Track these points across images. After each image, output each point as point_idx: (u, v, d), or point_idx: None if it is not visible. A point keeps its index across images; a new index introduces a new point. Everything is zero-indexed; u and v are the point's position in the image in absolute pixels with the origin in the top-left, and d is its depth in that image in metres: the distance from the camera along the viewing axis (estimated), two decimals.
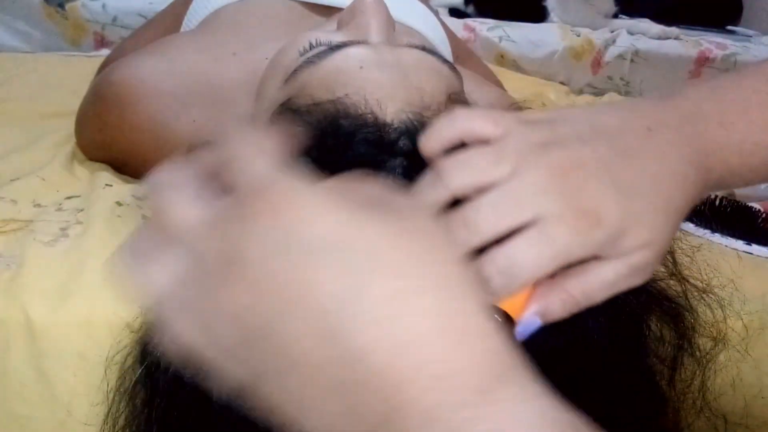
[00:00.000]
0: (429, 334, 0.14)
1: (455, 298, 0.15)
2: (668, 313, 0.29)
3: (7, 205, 0.38)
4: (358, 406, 0.14)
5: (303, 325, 0.14)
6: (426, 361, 0.14)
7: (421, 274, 0.15)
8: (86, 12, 0.95)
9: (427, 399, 0.13)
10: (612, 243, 0.20)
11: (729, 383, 0.35)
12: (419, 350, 0.14)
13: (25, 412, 0.32)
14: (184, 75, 0.41)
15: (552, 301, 0.20)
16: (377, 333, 0.14)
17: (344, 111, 0.27)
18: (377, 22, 0.31)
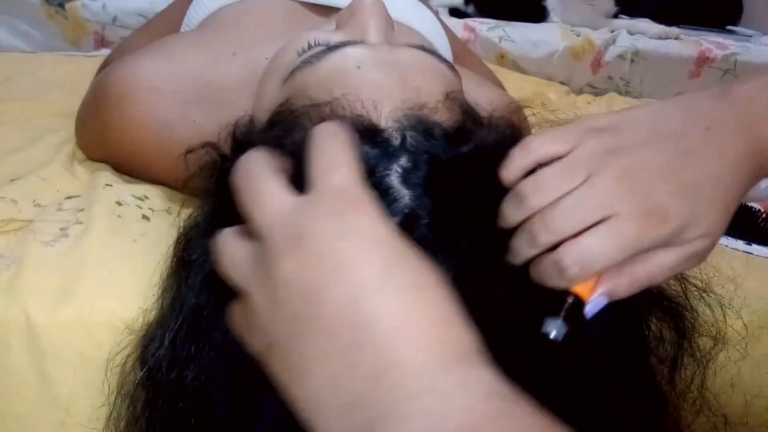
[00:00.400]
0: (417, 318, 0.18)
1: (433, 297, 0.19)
2: (668, 312, 0.29)
3: (7, 205, 0.38)
4: (358, 364, 0.17)
5: (333, 294, 0.18)
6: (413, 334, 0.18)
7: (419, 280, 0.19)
8: (86, 12, 0.95)
9: (414, 361, 0.17)
10: (677, 236, 0.23)
11: (729, 383, 0.35)
12: (412, 327, 0.18)
13: (24, 411, 0.32)
14: (184, 75, 0.41)
15: (619, 284, 0.23)
16: (386, 310, 0.18)
17: (340, 113, 0.27)
18: (375, 21, 0.31)
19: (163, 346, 0.28)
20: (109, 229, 0.37)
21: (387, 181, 0.25)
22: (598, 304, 0.24)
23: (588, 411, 0.25)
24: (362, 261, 0.18)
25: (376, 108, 0.27)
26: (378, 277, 0.18)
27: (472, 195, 0.25)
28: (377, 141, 0.26)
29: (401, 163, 0.25)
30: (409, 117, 0.27)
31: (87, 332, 0.32)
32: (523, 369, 0.23)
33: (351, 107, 0.27)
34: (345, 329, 0.18)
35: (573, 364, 0.25)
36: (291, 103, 0.29)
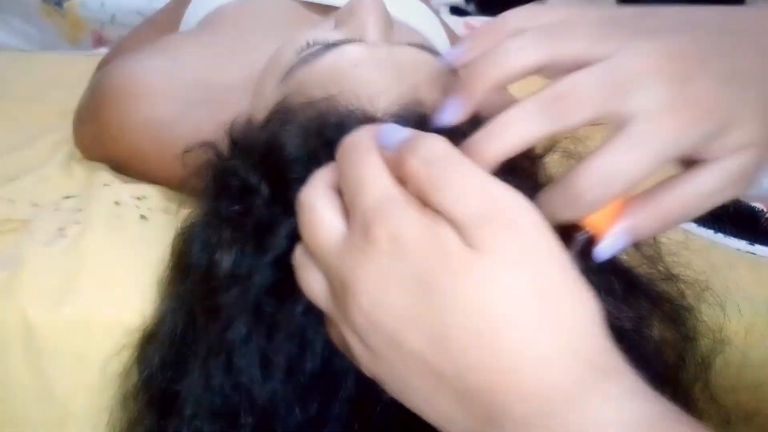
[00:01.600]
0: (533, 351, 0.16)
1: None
2: (670, 314, 0.29)
3: (4, 205, 0.38)
4: (468, 406, 0.16)
5: (415, 341, 0.17)
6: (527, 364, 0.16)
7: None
8: (84, 10, 0.95)
9: (525, 406, 0.16)
10: (719, 135, 0.18)
11: (731, 384, 0.35)
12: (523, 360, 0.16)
13: (23, 412, 0.32)
14: (183, 74, 0.41)
15: (644, 217, 0.19)
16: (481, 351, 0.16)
17: (334, 108, 0.26)
18: (374, 20, 0.31)
19: (162, 347, 0.28)
20: (107, 229, 0.36)
21: None
22: (617, 242, 0.19)
23: None
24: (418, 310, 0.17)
25: (372, 103, 0.27)
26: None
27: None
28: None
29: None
30: (406, 111, 0.27)
31: (85, 333, 0.32)
32: None
33: (347, 103, 0.27)
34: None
35: None
36: (288, 101, 0.29)
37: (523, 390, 0.16)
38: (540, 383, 0.16)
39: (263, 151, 0.27)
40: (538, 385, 0.16)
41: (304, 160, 0.25)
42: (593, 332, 0.17)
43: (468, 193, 0.17)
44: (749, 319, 0.38)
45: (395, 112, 0.27)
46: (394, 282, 0.17)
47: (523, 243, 0.17)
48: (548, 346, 0.16)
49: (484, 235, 0.16)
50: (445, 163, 0.17)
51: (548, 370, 0.16)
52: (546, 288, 0.16)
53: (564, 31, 0.19)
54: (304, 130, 0.26)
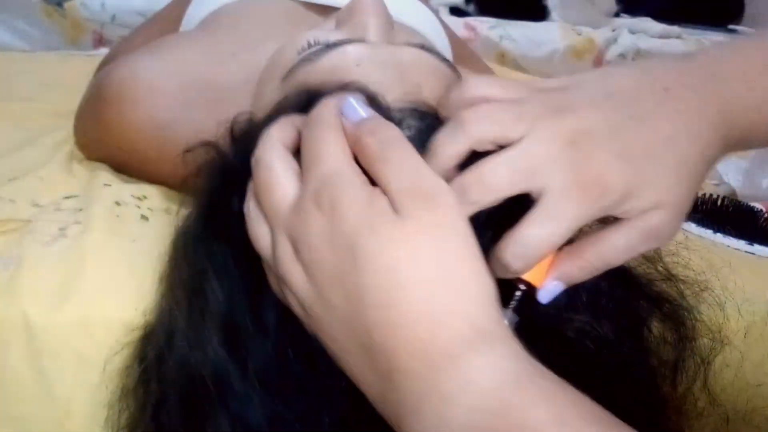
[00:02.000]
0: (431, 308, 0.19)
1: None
2: (669, 314, 0.29)
3: (5, 205, 0.38)
4: (373, 359, 0.19)
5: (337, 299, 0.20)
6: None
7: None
8: (85, 11, 0.95)
9: (421, 356, 0.18)
10: (619, 206, 0.21)
11: (731, 383, 0.35)
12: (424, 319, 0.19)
13: (23, 412, 0.32)
14: (183, 75, 0.41)
15: (570, 269, 0.22)
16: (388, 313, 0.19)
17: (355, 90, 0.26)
18: (375, 20, 0.31)
19: (161, 347, 0.28)
20: (107, 229, 0.36)
21: None
22: (553, 290, 0.22)
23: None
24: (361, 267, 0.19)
25: (379, 97, 0.27)
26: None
27: None
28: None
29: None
30: (412, 107, 0.26)
31: (86, 332, 0.32)
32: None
33: (366, 93, 0.26)
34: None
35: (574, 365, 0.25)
36: (288, 100, 0.29)
37: (414, 345, 0.18)
38: (430, 340, 0.18)
39: None
40: (428, 341, 0.18)
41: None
42: (484, 302, 0.19)
43: (405, 171, 0.20)
44: (748, 319, 0.38)
45: (401, 108, 0.26)
46: (329, 243, 0.20)
47: (436, 217, 0.19)
48: (441, 307, 0.18)
49: (408, 205, 0.19)
50: (393, 144, 0.21)
51: (439, 328, 0.18)
52: (448, 256, 0.19)
53: (482, 116, 0.21)
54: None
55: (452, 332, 0.18)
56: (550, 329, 0.25)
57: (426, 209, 0.19)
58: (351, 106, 0.22)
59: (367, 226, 0.19)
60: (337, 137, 0.21)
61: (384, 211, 0.19)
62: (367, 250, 0.19)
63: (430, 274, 0.19)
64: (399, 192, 0.20)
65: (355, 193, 0.20)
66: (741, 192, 0.57)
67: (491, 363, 0.18)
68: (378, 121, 0.22)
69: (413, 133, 0.25)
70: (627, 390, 0.26)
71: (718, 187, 0.59)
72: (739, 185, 0.57)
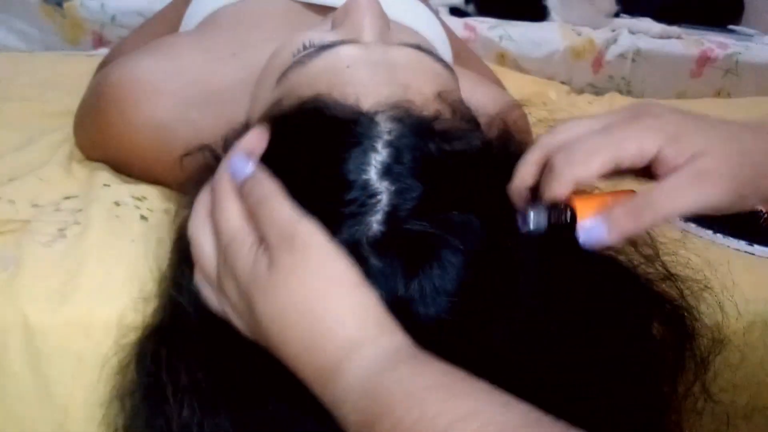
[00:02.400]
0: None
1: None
2: (669, 314, 0.29)
3: (5, 206, 0.38)
4: (313, 345, 0.23)
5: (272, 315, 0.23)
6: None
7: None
8: (84, 11, 0.95)
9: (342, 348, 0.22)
10: (668, 145, 0.23)
11: (731, 383, 0.35)
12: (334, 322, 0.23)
13: (22, 412, 0.32)
14: (183, 75, 0.41)
15: (618, 212, 0.23)
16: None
17: (323, 104, 0.27)
18: (370, 20, 0.31)
19: (161, 348, 0.28)
20: (107, 229, 0.36)
21: (364, 176, 0.25)
22: (592, 229, 0.23)
23: (590, 413, 0.25)
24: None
25: (357, 102, 0.27)
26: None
27: (456, 189, 0.25)
28: (354, 132, 0.26)
29: (379, 156, 0.25)
30: (392, 110, 0.27)
31: (85, 333, 0.32)
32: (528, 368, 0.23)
33: (335, 104, 0.27)
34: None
35: (576, 366, 0.25)
36: (281, 102, 0.29)
37: (307, 371, 0.22)
38: (314, 364, 0.22)
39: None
40: (314, 365, 0.22)
41: (288, 168, 0.25)
42: (358, 313, 0.22)
43: (273, 224, 0.24)
44: (748, 318, 0.38)
45: (381, 111, 0.27)
46: (234, 293, 0.25)
47: (297, 257, 0.23)
48: (317, 334, 0.22)
49: (276, 254, 0.23)
50: (263, 203, 0.24)
51: (317, 353, 0.22)
52: (313, 290, 0.23)
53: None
54: (290, 131, 0.26)
55: (327, 353, 0.22)
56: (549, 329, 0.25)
57: (289, 253, 0.23)
58: (236, 167, 0.26)
59: (253, 283, 0.23)
60: (230, 204, 0.25)
61: (262, 267, 0.23)
62: (256, 302, 0.23)
63: (301, 311, 0.22)
64: (271, 245, 0.23)
65: (244, 255, 0.24)
66: None
67: (363, 361, 0.21)
68: (254, 181, 0.25)
69: (392, 137, 0.25)
70: (627, 390, 0.26)
71: None
72: None
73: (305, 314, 0.22)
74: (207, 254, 0.26)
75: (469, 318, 0.24)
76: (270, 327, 0.23)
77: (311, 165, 0.25)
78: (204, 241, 0.26)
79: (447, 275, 0.24)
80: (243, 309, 0.25)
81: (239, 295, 0.24)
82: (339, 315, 0.22)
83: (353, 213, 0.24)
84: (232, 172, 0.26)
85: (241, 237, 0.24)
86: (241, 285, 0.24)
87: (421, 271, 0.24)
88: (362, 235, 0.24)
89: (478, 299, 0.24)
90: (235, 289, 0.25)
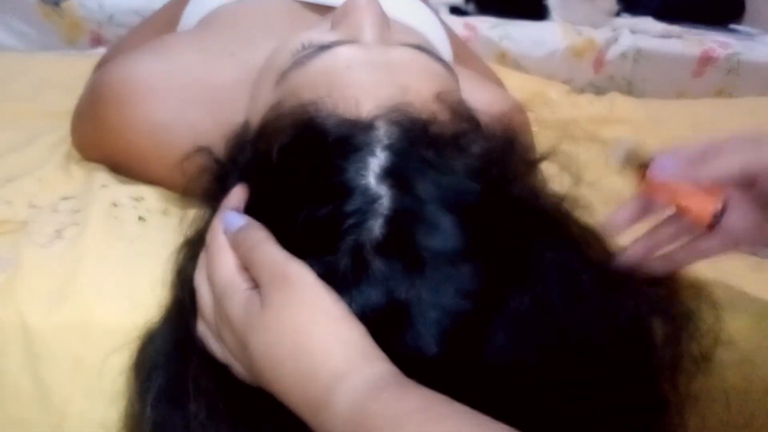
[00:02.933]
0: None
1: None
2: (669, 314, 0.28)
3: (2, 207, 0.38)
4: (303, 377, 0.23)
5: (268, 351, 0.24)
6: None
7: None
8: (82, 10, 0.95)
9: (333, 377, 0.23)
10: None
11: (730, 384, 0.35)
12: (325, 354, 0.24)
13: (20, 415, 0.32)
14: (181, 75, 0.41)
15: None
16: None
17: (322, 110, 0.27)
18: (370, 21, 0.31)
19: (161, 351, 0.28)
20: (104, 230, 0.36)
21: (363, 180, 0.25)
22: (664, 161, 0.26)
23: (591, 413, 0.25)
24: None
25: (357, 105, 0.27)
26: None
27: (458, 196, 0.25)
28: (354, 137, 0.26)
29: (378, 161, 0.25)
30: (391, 113, 0.27)
31: (83, 335, 0.31)
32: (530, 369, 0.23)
33: (335, 106, 0.27)
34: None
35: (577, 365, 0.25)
36: (281, 105, 0.29)
37: (300, 404, 0.23)
38: (306, 396, 0.23)
39: (254, 161, 0.28)
40: (305, 398, 0.23)
41: (288, 171, 0.26)
42: (345, 345, 0.23)
43: (265, 267, 0.25)
44: (751, 319, 0.38)
45: (379, 114, 0.27)
46: (231, 339, 0.26)
47: (287, 295, 0.24)
48: (306, 369, 0.23)
49: (267, 293, 0.24)
50: (255, 249, 0.26)
51: (309, 385, 0.23)
52: (303, 326, 0.23)
53: None
54: (287, 136, 0.26)
55: (317, 384, 0.23)
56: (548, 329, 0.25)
57: (280, 290, 0.24)
58: (229, 221, 0.27)
59: (246, 325, 0.25)
60: (222, 256, 0.27)
61: (254, 308, 0.25)
62: (249, 342, 0.24)
63: (291, 345, 0.23)
64: (263, 285, 0.25)
65: (237, 300, 0.25)
66: None
67: (350, 391, 0.22)
68: (246, 229, 0.27)
69: (391, 140, 0.26)
70: (627, 390, 0.26)
71: None
72: None
73: (295, 348, 0.23)
74: (207, 306, 0.27)
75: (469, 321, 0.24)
76: (263, 363, 0.24)
77: (312, 174, 0.25)
78: (204, 293, 0.28)
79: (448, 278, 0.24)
80: (239, 352, 0.26)
81: (235, 340, 0.26)
82: (326, 348, 0.23)
83: (355, 218, 0.24)
84: (225, 225, 0.27)
85: (233, 285, 0.26)
86: (236, 329, 0.25)
87: (423, 273, 0.24)
88: (365, 239, 0.24)
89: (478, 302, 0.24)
90: (231, 334, 0.26)
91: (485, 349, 0.24)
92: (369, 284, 0.24)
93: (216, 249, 0.27)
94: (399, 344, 0.24)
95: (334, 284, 0.24)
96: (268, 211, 0.27)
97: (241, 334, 0.25)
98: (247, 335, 0.24)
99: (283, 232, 0.26)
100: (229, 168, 0.29)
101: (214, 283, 0.27)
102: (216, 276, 0.27)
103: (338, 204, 0.25)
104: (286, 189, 0.25)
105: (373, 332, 0.24)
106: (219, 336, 0.27)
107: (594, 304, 0.26)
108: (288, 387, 0.23)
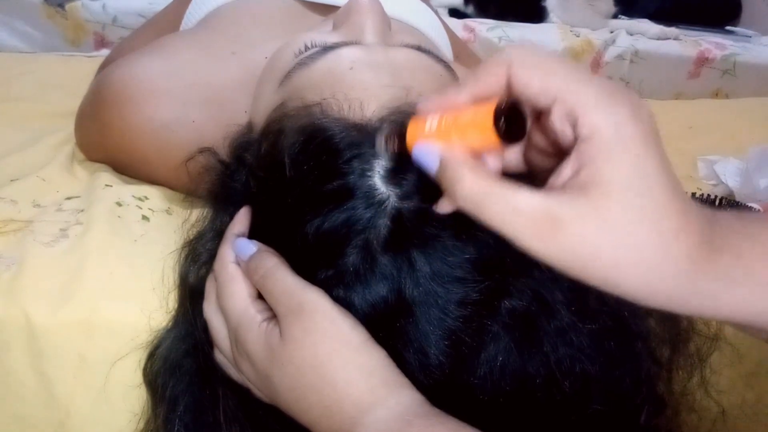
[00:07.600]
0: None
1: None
2: (665, 313, 0.29)
3: (7, 206, 0.38)
4: (329, 409, 0.24)
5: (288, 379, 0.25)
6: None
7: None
8: (86, 12, 0.95)
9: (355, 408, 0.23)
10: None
11: (727, 380, 0.35)
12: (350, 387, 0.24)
13: (24, 412, 0.32)
14: (183, 75, 0.41)
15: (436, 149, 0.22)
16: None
17: (326, 113, 0.27)
18: (372, 22, 0.31)
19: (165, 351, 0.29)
20: (109, 229, 0.36)
21: (368, 182, 0.25)
22: (422, 150, 0.22)
23: (588, 415, 0.25)
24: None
25: (362, 107, 0.27)
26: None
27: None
28: (360, 142, 0.26)
29: (382, 161, 0.25)
30: (394, 114, 0.27)
31: (87, 334, 0.32)
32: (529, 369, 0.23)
33: (339, 108, 0.27)
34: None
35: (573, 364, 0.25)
36: (285, 105, 0.29)
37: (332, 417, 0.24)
38: (330, 428, 0.23)
39: (259, 161, 0.28)
40: (330, 429, 0.23)
41: (298, 179, 0.26)
42: (367, 375, 0.23)
43: (281, 297, 0.25)
44: None
45: (384, 116, 0.27)
46: (251, 372, 0.26)
47: (306, 325, 0.24)
48: (330, 401, 0.23)
49: (286, 325, 0.24)
50: (269, 277, 0.25)
51: (334, 417, 0.23)
52: (323, 358, 0.23)
53: None
54: (294, 140, 0.26)
55: (342, 416, 0.23)
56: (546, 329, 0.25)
57: (298, 321, 0.24)
58: (240, 249, 0.27)
59: (268, 359, 0.25)
60: (234, 287, 0.27)
61: (274, 341, 0.25)
62: (272, 376, 0.25)
63: (314, 377, 0.24)
64: (281, 316, 0.25)
65: (256, 334, 0.25)
66: (739, 192, 0.57)
67: (376, 424, 0.22)
68: (258, 257, 0.26)
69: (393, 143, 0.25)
70: (624, 390, 0.27)
71: (716, 187, 0.59)
72: (736, 186, 0.57)
73: (318, 380, 0.23)
74: (222, 337, 0.28)
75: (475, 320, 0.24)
76: (288, 396, 0.24)
77: (321, 181, 0.25)
78: (217, 324, 0.28)
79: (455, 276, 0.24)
80: (260, 383, 0.26)
81: (255, 372, 0.26)
82: (348, 378, 0.23)
83: (362, 219, 0.24)
84: (237, 253, 0.27)
85: (249, 318, 0.26)
86: (256, 362, 0.25)
87: (427, 271, 0.24)
88: (373, 237, 0.24)
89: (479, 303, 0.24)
90: (250, 368, 0.26)
91: (487, 349, 0.24)
92: (376, 280, 0.24)
93: (227, 279, 0.27)
94: (403, 341, 0.24)
95: (343, 282, 0.24)
96: (277, 220, 0.27)
97: (263, 369, 0.25)
98: (269, 369, 0.25)
99: (293, 241, 0.26)
100: (234, 168, 0.29)
101: (228, 315, 0.27)
102: (229, 307, 0.27)
103: (345, 207, 0.25)
104: (296, 196, 0.25)
105: (379, 328, 0.24)
106: (237, 367, 0.27)
107: (587, 302, 0.26)
108: (315, 419, 0.24)
